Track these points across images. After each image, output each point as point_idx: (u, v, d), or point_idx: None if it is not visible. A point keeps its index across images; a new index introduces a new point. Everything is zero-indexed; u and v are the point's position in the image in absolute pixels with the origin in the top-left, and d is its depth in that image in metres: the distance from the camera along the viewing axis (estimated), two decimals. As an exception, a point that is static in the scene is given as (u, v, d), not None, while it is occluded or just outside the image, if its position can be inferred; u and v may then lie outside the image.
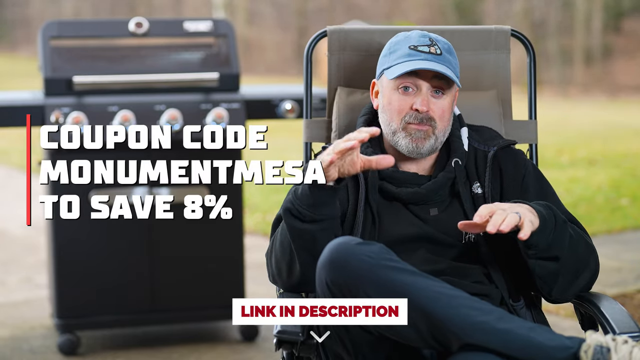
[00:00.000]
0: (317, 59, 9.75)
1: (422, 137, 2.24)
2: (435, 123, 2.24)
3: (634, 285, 4.59)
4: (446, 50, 2.26)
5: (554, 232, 2.09)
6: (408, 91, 2.25)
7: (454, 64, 2.27)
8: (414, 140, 2.24)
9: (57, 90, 3.65)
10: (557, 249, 2.11)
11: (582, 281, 2.19)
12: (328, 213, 2.10)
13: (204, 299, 3.84)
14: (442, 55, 2.24)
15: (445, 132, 2.27)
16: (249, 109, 3.76)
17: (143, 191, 3.73)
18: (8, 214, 6.94)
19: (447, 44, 2.28)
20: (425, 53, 2.23)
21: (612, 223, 6.11)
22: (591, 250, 2.20)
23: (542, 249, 2.09)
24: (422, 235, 2.22)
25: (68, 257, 3.70)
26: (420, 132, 2.23)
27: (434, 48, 2.24)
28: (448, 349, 1.93)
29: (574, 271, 2.16)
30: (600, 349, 1.86)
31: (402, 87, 2.25)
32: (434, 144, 2.25)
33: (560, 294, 2.19)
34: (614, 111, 14.25)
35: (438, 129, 2.24)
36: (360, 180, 2.25)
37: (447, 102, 2.25)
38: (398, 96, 2.25)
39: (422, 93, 2.23)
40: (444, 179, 2.25)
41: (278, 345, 2.06)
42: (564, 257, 2.12)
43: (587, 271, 2.19)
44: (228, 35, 3.85)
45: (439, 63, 2.22)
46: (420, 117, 2.23)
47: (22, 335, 4.00)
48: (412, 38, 2.27)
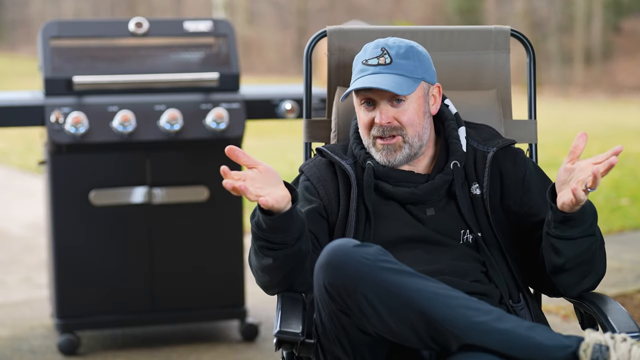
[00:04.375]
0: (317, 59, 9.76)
1: (392, 151, 2.24)
2: (403, 131, 2.23)
3: (634, 285, 4.59)
4: (401, 55, 2.23)
5: (592, 219, 2.09)
6: (370, 105, 2.25)
7: (409, 66, 2.23)
8: (385, 155, 2.25)
9: (57, 90, 3.65)
10: (590, 233, 2.10)
11: (587, 283, 2.19)
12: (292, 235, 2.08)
13: (204, 299, 3.84)
14: (391, 63, 2.22)
15: (422, 134, 2.26)
16: (249, 109, 3.76)
17: (143, 191, 3.73)
18: (8, 214, 6.94)
19: (405, 46, 2.24)
20: (374, 66, 2.23)
21: (612, 223, 6.11)
22: (602, 254, 2.19)
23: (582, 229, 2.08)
24: (419, 236, 2.22)
25: (68, 257, 3.70)
26: (388, 146, 2.24)
27: (383, 58, 2.23)
28: (447, 350, 1.93)
29: (583, 269, 2.16)
30: (599, 348, 1.86)
31: (364, 102, 2.26)
32: (409, 152, 2.25)
33: (567, 288, 2.19)
34: (614, 111, 14.25)
35: (409, 135, 2.24)
36: (352, 181, 2.26)
37: (413, 106, 2.23)
38: (363, 111, 2.27)
39: (379, 106, 2.23)
40: (441, 181, 2.25)
41: (278, 345, 2.06)
42: (589, 246, 2.11)
43: (594, 274, 2.19)
44: (228, 35, 3.85)
45: (384, 74, 2.21)
46: (382, 129, 2.23)
47: (22, 335, 4.00)
48: (367, 51, 2.27)
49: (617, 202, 6.83)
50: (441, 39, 2.58)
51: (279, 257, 2.10)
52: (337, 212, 2.26)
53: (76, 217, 3.71)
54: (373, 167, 2.25)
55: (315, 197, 2.28)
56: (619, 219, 6.26)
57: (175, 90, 3.76)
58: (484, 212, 2.25)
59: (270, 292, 2.23)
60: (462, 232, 2.23)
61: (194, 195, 3.78)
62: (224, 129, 3.68)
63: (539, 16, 19.05)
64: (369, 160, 2.27)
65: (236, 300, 3.86)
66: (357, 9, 21.65)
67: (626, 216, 6.35)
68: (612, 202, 6.86)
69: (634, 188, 7.39)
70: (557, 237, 2.10)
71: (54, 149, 3.64)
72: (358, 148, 2.30)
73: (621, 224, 6.11)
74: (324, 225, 2.26)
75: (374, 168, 2.25)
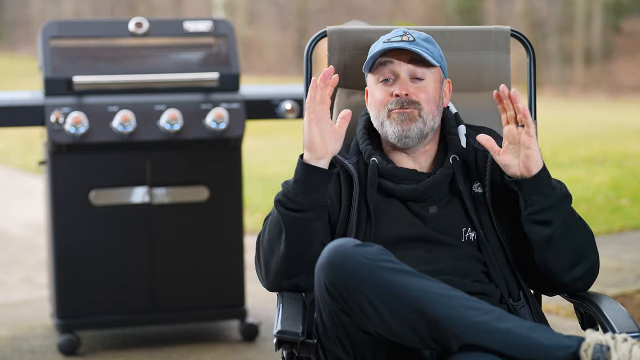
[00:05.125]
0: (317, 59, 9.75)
1: (407, 119, 2.24)
2: (420, 106, 2.25)
3: (634, 285, 4.59)
4: (422, 38, 2.29)
5: (554, 197, 2.11)
6: (388, 82, 2.27)
7: (431, 49, 2.28)
8: (399, 124, 2.24)
9: (57, 90, 3.65)
10: (553, 214, 2.11)
11: (579, 270, 2.18)
12: (320, 200, 2.13)
13: (204, 299, 3.84)
14: (415, 41, 2.27)
15: (435, 117, 2.27)
16: (249, 109, 3.76)
17: (143, 191, 3.73)
18: (8, 214, 6.95)
19: (426, 36, 2.32)
20: (398, 42, 2.26)
21: (612, 223, 6.11)
22: (591, 242, 2.19)
23: (539, 210, 2.10)
24: (420, 236, 2.22)
25: (68, 257, 3.70)
26: (403, 114, 2.24)
27: (406, 37, 2.27)
28: (447, 350, 1.93)
29: (572, 252, 2.15)
30: (600, 348, 1.86)
31: (382, 79, 2.28)
32: (423, 128, 2.25)
33: (557, 276, 2.18)
34: (614, 111, 14.25)
35: (425, 111, 2.25)
36: (354, 179, 2.26)
37: (431, 85, 2.26)
38: (380, 89, 2.28)
39: (400, 79, 2.26)
40: (442, 176, 2.25)
41: (278, 345, 2.06)
42: (558, 227, 2.12)
43: (586, 262, 2.18)
44: (228, 35, 3.85)
45: (409, 47, 2.24)
46: (401, 101, 2.24)
47: (22, 335, 4.00)
48: (387, 35, 2.32)
49: (617, 202, 6.83)
50: (441, 39, 2.57)
51: (298, 222, 2.11)
52: (339, 212, 2.26)
53: (76, 217, 3.71)
54: (377, 164, 2.25)
55: None
56: (619, 219, 6.26)
57: (175, 90, 3.76)
58: (486, 211, 2.25)
59: (272, 286, 2.21)
60: (464, 230, 2.23)
61: (194, 195, 3.78)
62: (224, 129, 3.68)
63: (539, 16, 19.05)
64: (373, 157, 2.27)
65: (236, 300, 3.86)
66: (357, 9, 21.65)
67: (626, 216, 6.35)
68: (612, 202, 6.87)
69: (634, 188, 7.39)
70: (535, 213, 2.12)
71: (54, 149, 3.64)
72: (365, 143, 2.30)
73: (621, 224, 6.11)
74: (326, 225, 2.26)
75: (378, 165, 2.25)
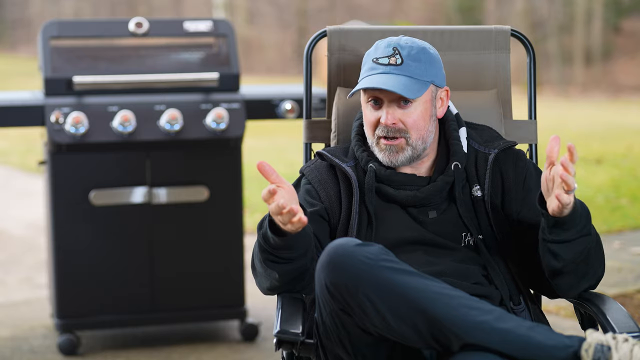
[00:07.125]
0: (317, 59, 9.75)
1: (394, 151, 2.24)
2: (407, 134, 2.22)
3: (634, 285, 4.59)
4: (412, 56, 2.22)
5: (576, 234, 2.07)
6: (377, 104, 2.25)
7: (419, 69, 2.22)
8: (387, 156, 2.25)
9: (57, 90, 3.65)
10: (569, 249, 2.08)
11: (584, 284, 2.18)
12: (304, 244, 2.10)
13: (204, 299, 3.84)
14: (402, 64, 2.21)
15: (426, 138, 2.25)
16: (249, 109, 3.76)
17: (143, 191, 3.73)
18: (8, 214, 6.94)
19: (418, 48, 2.23)
20: (384, 65, 2.22)
21: (612, 223, 6.11)
22: (601, 259, 2.18)
23: (558, 241, 2.07)
24: (420, 239, 2.22)
25: (68, 257, 3.70)
26: (391, 147, 2.23)
27: (394, 59, 2.22)
28: (448, 349, 1.93)
29: (581, 272, 2.15)
30: (601, 348, 1.86)
31: (371, 100, 2.25)
32: (412, 153, 2.24)
33: (561, 288, 2.18)
34: (614, 111, 14.24)
35: (413, 139, 2.23)
36: (353, 184, 2.25)
37: (419, 109, 2.23)
38: (369, 110, 2.26)
39: (386, 106, 2.23)
40: (442, 183, 2.25)
41: (278, 345, 2.06)
42: (571, 259, 2.10)
43: (592, 276, 2.18)
44: (228, 35, 3.85)
45: (393, 74, 2.20)
46: (387, 130, 2.23)
47: (22, 335, 4.00)
48: (378, 49, 2.26)
49: (617, 202, 6.83)
50: (441, 39, 2.57)
51: (283, 270, 2.12)
52: (339, 216, 2.26)
53: (76, 217, 3.71)
54: (375, 170, 2.25)
55: (316, 200, 2.28)
56: (619, 219, 6.26)
57: (175, 90, 3.76)
58: (485, 214, 2.25)
59: (270, 294, 2.24)
60: (464, 235, 2.23)
61: (194, 195, 3.78)
62: (224, 129, 3.68)
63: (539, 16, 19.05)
64: (371, 163, 2.26)
65: (236, 300, 3.86)
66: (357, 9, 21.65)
67: (626, 216, 6.35)
68: (612, 202, 6.86)
69: (634, 188, 7.39)
70: (552, 242, 2.09)
71: (54, 149, 3.64)
72: (360, 150, 2.30)
73: (621, 224, 6.10)
74: (325, 227, 2.26)
75: (375, 171, 2.25)
